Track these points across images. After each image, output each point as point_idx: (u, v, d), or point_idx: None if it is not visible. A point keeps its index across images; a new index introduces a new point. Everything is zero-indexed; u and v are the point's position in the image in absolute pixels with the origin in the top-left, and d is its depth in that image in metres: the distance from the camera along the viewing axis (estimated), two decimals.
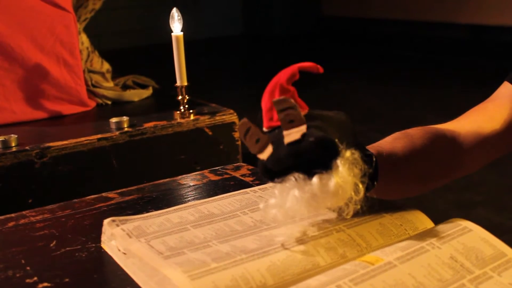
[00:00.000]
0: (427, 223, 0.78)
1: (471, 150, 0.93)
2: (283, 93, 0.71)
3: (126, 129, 1.52)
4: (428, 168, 0.88)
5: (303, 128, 0.69)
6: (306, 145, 0.68)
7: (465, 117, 0.98)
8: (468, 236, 0.72)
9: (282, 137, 0.69)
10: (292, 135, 0.69)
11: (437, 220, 0.78)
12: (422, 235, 0.72)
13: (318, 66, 0.73)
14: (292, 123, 0.69)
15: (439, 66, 5.47)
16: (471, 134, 0.93)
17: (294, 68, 0.73)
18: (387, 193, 0.82)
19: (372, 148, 0.80)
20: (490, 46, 5.47)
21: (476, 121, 0.95)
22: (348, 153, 0.70)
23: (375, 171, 0.76)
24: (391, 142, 0.84)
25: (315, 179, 0.68)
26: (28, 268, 0.76)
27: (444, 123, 0.95)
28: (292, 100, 0.69)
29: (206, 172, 1.11)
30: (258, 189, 0.92)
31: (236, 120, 1.62)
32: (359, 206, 0.72)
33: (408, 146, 0.84)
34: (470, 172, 0.97)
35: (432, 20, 5.93)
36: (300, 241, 0.72)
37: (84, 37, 1.94)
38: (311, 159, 0.69)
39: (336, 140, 0.69)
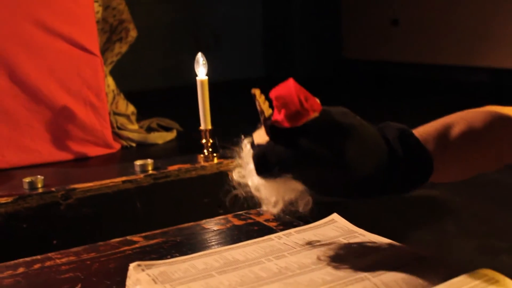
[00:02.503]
0: (454, 272, 0.78)
1: None
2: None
3: (150, 171, 1.54)
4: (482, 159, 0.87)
5: None
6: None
7: None
8: (495, 287, 0.71)
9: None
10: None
11: (460, 268, 0.78)
12: (447, 286, 0.71)
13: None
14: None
15: (460, 109, 5.45)
16: None
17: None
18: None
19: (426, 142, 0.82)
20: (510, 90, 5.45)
21: None
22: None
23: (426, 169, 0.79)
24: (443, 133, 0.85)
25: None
26: None
27: None
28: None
29: (229, 216, 1.11)
30: (283, 234, 0.93)
31: None
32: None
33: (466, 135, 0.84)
34: None
35: (453, 64, 5.94)
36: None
37: (110, 80, 1.98)
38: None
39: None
